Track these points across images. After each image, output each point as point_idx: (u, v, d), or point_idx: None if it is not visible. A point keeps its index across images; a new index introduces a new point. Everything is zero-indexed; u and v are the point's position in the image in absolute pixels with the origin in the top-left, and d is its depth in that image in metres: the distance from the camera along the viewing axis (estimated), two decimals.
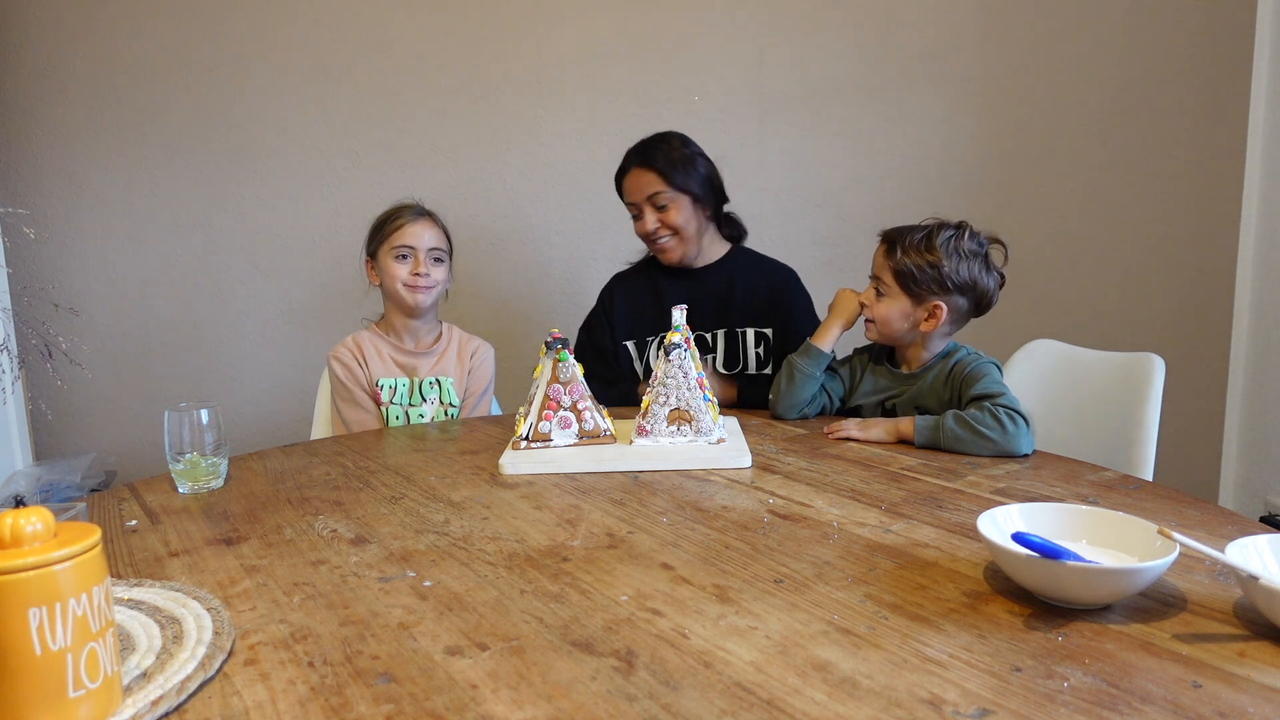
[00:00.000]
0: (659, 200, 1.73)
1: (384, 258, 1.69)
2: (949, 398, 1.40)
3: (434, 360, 1.74)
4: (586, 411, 1.32)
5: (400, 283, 1.67)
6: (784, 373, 1.54)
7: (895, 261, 1.41)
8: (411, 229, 1.69)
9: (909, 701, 0.59)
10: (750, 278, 1.81)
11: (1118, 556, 0.79)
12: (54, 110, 2.35)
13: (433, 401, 1.70)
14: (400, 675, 0.64)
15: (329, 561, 0.88)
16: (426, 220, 1.71)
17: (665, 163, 1.73)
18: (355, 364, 1.69)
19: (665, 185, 1.72)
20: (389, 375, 1.70)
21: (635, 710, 0.59)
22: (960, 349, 1.44)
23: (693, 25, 2.39)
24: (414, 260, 1.68)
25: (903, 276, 1.40)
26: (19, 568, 0.53)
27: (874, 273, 1.46)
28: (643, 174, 1.74)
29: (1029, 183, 2.44)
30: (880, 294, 1.44)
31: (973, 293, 1.41)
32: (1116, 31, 2.36)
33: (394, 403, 1.68)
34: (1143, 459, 1.37)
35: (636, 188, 1.75)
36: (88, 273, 2.42)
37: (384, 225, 1.71)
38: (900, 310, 1.42)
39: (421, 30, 2.38)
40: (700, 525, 0.97)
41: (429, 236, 1.70)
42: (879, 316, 1.44)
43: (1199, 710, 0.57)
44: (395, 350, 1.73)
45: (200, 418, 1.15)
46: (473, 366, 1.77)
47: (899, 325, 1.43)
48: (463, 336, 1.80)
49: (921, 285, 1.39)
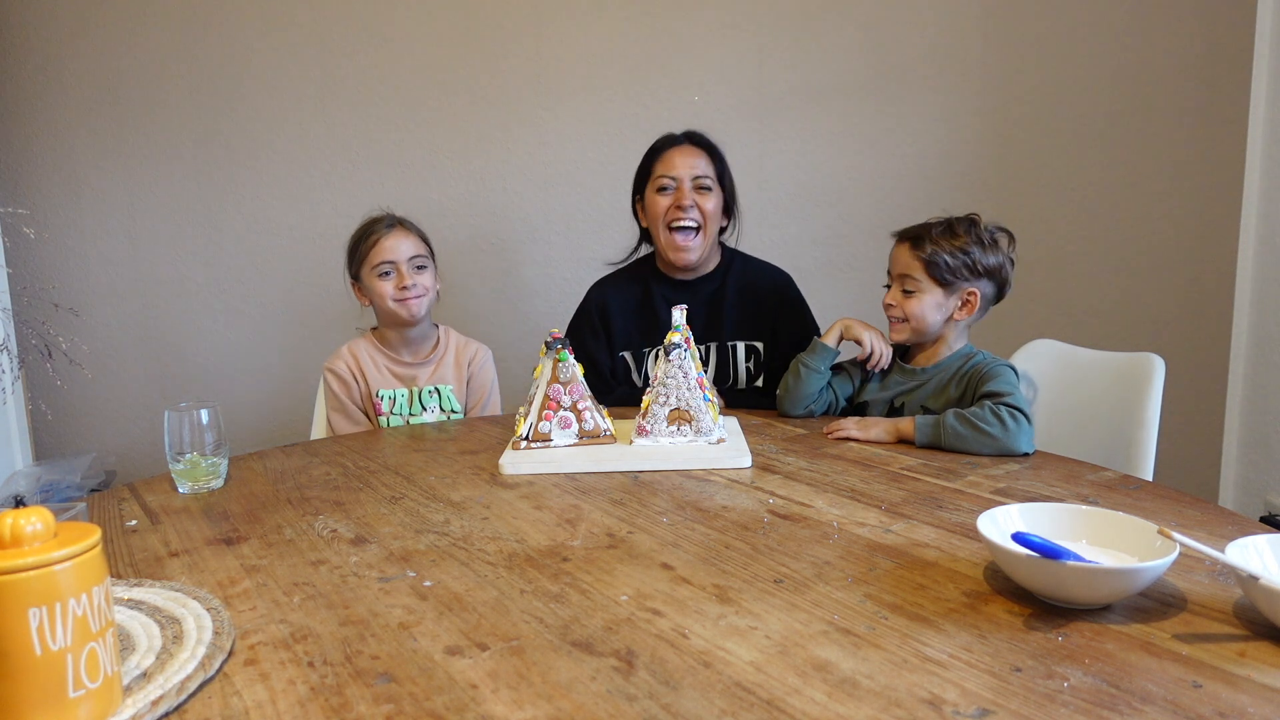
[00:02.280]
0: (703, 183, 1.70)
1: (368, 278, 1.66)
2: (959, 396, 1.41)
3: (432, 369, 1.72)
4: (586, 411, 1.32)
5: (390, 300, 1.64)
6: (791, 370, 1.55)
7: (925, 254, 1.41)
8: (387, 243, 1.65)
9: (909, 701, 0.59)
10: (742, 287, 1.78)
11: (1118, 556, 0.79)
12: (54, 110, 2.35)
13: (433, 410, 1.69)
14: (400, 675, 0.64)
15: (329, 561, 0.88)
16: (400, 230, 1.67)
17: (717, 153, 1.74)
18: (351, 378, 1.68)
19: (713, 171, 1.71)
20: (387, 386, 1.69)
21: (635, 710, 0.59)
22: (979, 353, 1.45)
23: (693, 25, 2.39)
24: (397, 274, 1.64)
25: (935, 267, 1.41)
26: (19, 568, 0.53)
27: (899, 272, 1.46)
28: (695, 152, 1.72)
29: (1029, 182, 2.44)
30: (909, 292, 1.44)
31: (998, 277, 1.44)
32: (1117, 31, 2.36)
33: (394, 413, 1.67)
34: (1143, 459, 1.37)
35: (685, 163, 1.70)
36: (88, 273, 2.42)
37: (359, 244, 1.67)
38: (934, 302, 1.43)
39: (421, 30, 2.38)
40: (700, 525, 0.97)
41: (406, 246, 1.66)
42: (912, 313, 1.44)
43: (1199, 710, 0.57)
44: (392, 362, 1.71)
45: (200, 418, 1.15)
46: (472, 373, 1.75)
47: (934, 318, 1.44)
48: (460, 341, 1.77)
49: (954, 273, 1.41)
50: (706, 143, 1.75)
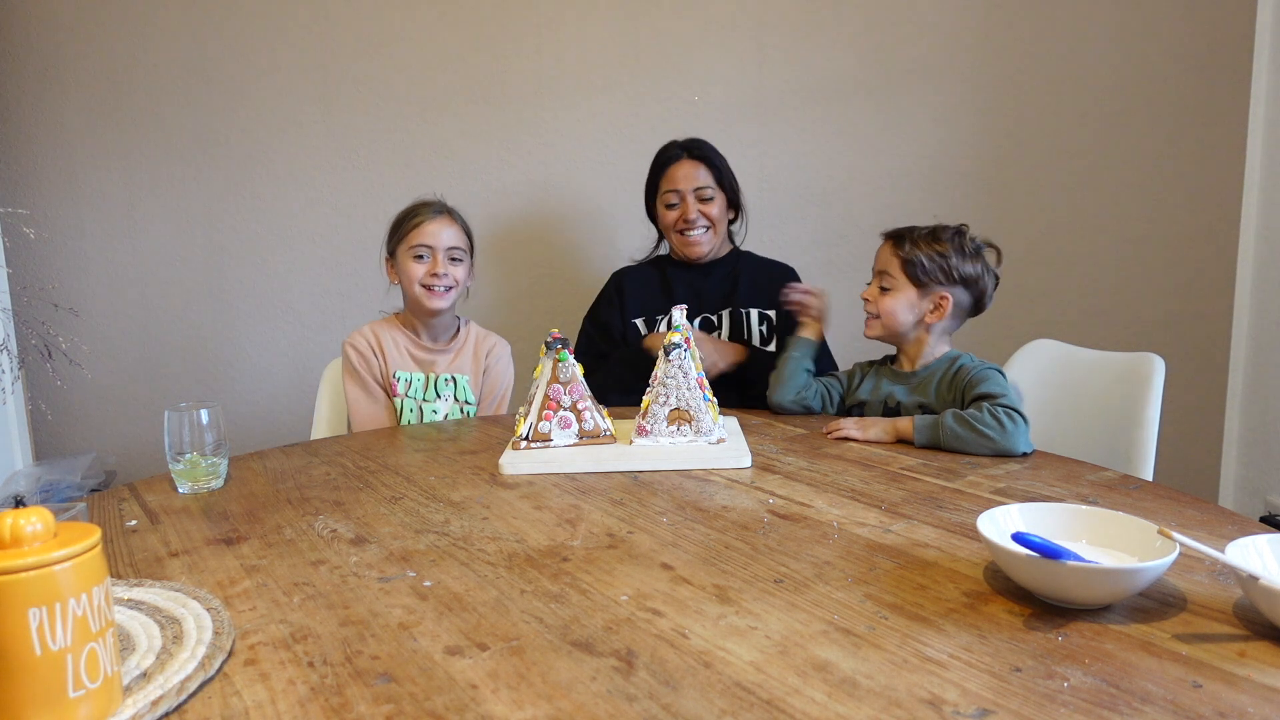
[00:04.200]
0: (705, 193, 1.86)
1: (402, 257, 1.68)
2: (952, 399, 1.41)
3: (451, 357, 1.74)
4: (586, 411, 1.32)
5: (417, 283, 1.66)
6: (777, 364, 1.60)
7: (904, 252, 1.46)
8: (430, 227, 1.67)
9: (909, 701, 0.59)
10: (753, 271, 1.90)
11: (1118, 556, 0.79)
12: (55, 110, 2.35)
13: (447, 398, 1.70)
14: (400, 675, 0.64)
15: (329, 561, 0.88)
16: (445, 218, 1.69)
17: (716, 160, 1.88)
18: (371, 354, 1.69)
19: (713, 180, 1.86)
20: (405, 369, 1.70)
21: (635, 710, 0.59)
22: (964, 356, 1.46)
23: (693, 25, 2.39)
24: (432, 260, 1.66)
25: (911, 266, 1.45)
26: (19, 568, 0.53)
27: (879, 268, 1.51)
28: (695, 165, 1.87)
29: (1029, 182, 2.44)
30: (885, 289, 1.48)
31: (974, 288, 1.47)
32: (1116, 31, 2.36)
33: (409, 395, 1.68)
34: (1143, 459, 1.37)
35: (687, 177, 1.86)
36: (88, 273, 2.42)
37: (403, 223, 1.70)
38: (906, 301, 1.47)
39: (422, 30, 2.38)
40: (700, 525, 0.97)
41: (448, 235, 1.68)
42: (884, 309, 1.48)
43: (1199, 710, 0.57)
44: (413, 345, 1.73)
45: (200, 418, 1.15)
46: (488, 365, 1.77)
47: (905, 317, 1.47)
48: (479, 333, 1.79)
49: (929, 275, 1.45)
50: (704, 153, 1.88)
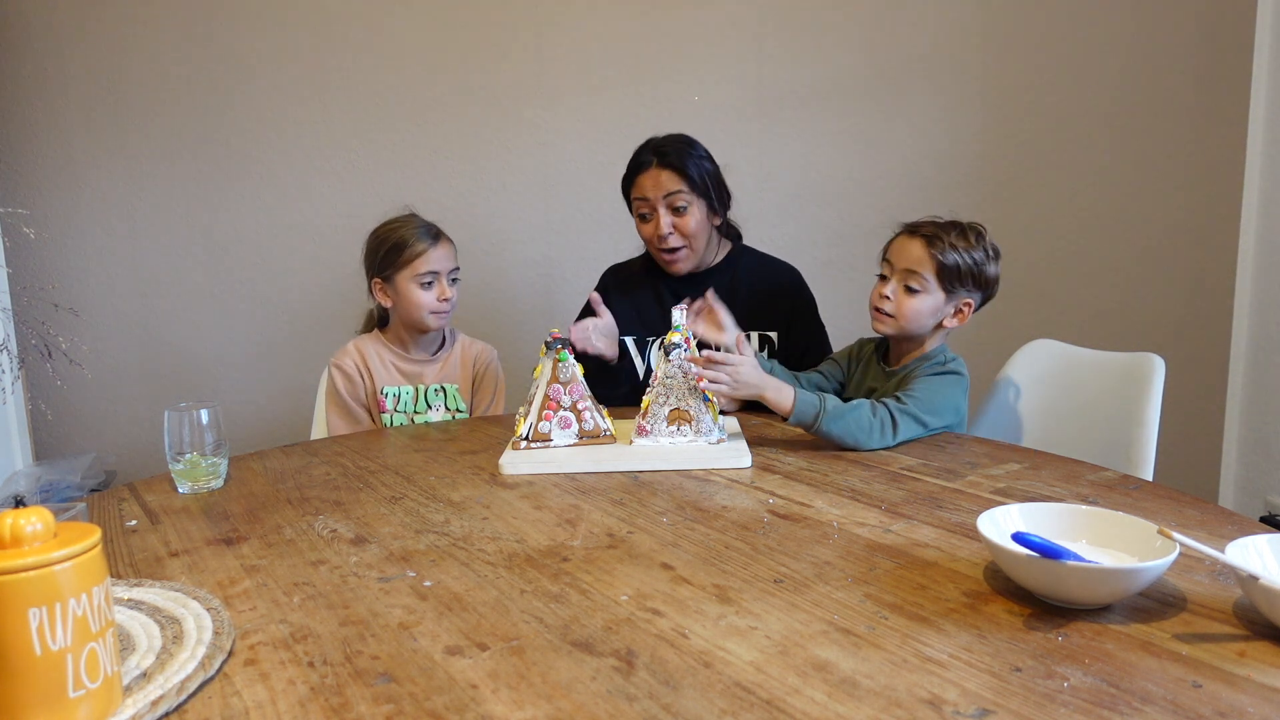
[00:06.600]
0: (677, 201, 1.66)
1: (404, 283, 1.65)
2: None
3: (438, 367, 1.73)
4: (586, 411, 1.32)
5: (427, 310, 1.65)
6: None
7: (942, 255, 1.34)
8: (434, 254, 1.65)
9: (909, 701, 0.59)
10: (753, 280, 1.77)
11: (1118, 556, 0.79)
12: (54, 110, 2.35)
13: (438, 409, 1.69)
14: (400, 675, 0.64)
15: (329, 561, 0.88)
16: (444, 242, 1.69)
17: (686, 163, 1.66)
18: (357, 375, 1.69)
19: (685, 186, 1.65)
20: (393, 383, 1.69)
21: (635, 710, 0.59)
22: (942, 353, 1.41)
23: (693, 25, 2.39)
24: (439, 286, 1.66)
25: (948, 271, 1.35)
26: (19, 568, 0.53)
27: (904, 266, 1.38)
28: (662, 173, 1.66)
29: (1029, 182, 2.44)
30: (912, 289, 1.37)
31: (991, 291, 1.41)
32: (1117, 31, 2.36)
33: (399, 410, 1.67)
34: (1143, 459, 1.37)
35: (655, 185, 1.66)
36: (88, 273, 2.42)
37: (400, 250, 1.65)
38: (933, 306, 1.37)
39: (421, 30, 2.38)
40: (700, 525, 0.97)
41: (448, 258, 1.68)
42: (908, 311, 1.37)
43: (1199, 710, 0.57)
44: (399, 359, 1.72)
45: (200, 418, 1.15)
46: (477, 373, 1.76)
47: (928, 322, 1.39)
48: (466, 341, 1.79)
49: (961, 280, 1.36)
50: (673, 160, 1.66)
